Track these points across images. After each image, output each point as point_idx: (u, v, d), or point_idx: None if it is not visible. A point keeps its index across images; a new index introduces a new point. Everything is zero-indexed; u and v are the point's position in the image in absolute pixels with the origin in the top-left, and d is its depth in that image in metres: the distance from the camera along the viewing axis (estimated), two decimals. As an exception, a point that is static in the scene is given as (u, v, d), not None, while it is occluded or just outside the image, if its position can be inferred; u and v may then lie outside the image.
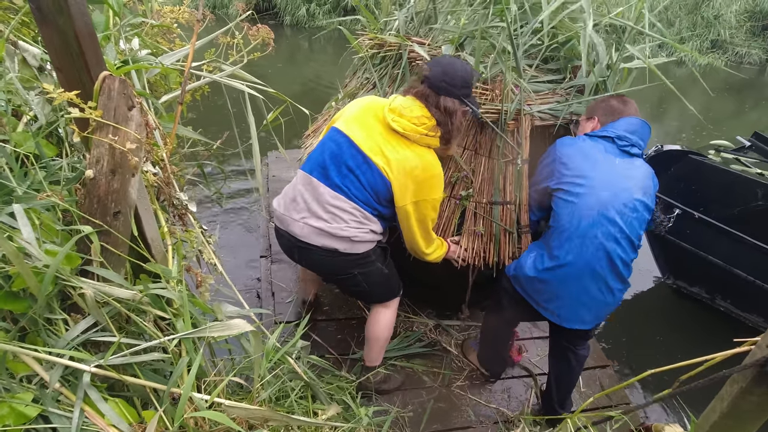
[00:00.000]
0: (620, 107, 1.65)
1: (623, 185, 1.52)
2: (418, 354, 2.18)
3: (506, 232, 1.82)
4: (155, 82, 1.68)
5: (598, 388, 2.18)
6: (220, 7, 10.63)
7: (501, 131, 1.72)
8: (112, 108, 0.93)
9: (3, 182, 0.92)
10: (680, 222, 2.85)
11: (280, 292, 2.43)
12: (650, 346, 2.83)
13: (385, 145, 1.49)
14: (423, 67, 1.51)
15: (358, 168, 1.50)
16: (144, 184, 1.12)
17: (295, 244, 1.59)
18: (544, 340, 2.39)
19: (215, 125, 2.08)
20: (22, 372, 0.90)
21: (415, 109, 1.47)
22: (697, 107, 8.18)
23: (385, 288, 1.75)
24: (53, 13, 0.82)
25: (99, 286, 0.93)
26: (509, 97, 1.69)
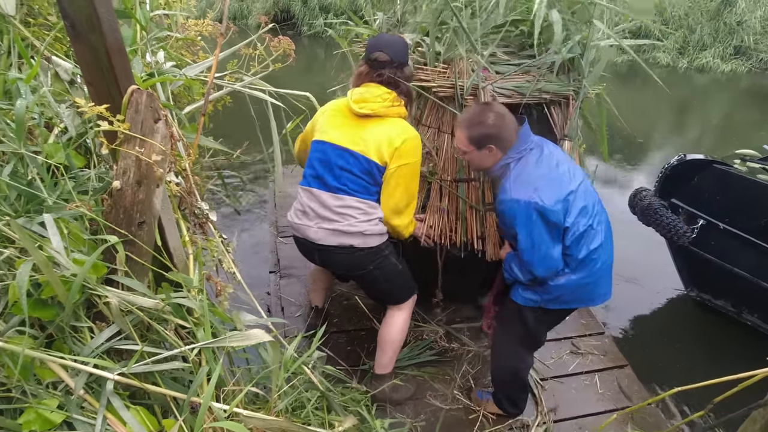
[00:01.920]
0: (506, 127, 1.52)
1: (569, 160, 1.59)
2: (429, 362, 2.16)
3: (472, 209, 1.84)
4: (179, 93, 1.72)
5: (615, 388, 2.15)
6: (240, 18, 10.87)
7: (459, 107, 1.77)
8: (139, 121, 0.95)
9: (34, 192, 0.95)
10: (704, 233, 2.77)
11: (290, 306, 2.45)
12: (673, 360, 2.74)
13: (361, 131, 1.62)
14: (373, 50, 1.63)
15: (347, 164, 1.62)
16: (167, 194, 1.15)
17: (315, 248, 1.70)
18: (557, 342, 2.38)
19: (234, 134, 2.12)
20: (49, 378, 0.92)
21: (373, 90, 1.62)
22: (719, 115, 8.01)
23: (401, 284, 1.82)
24: (86, 30, 0.85)
25: (123, 295, 0.95)
26: (467, 74, 1.74)
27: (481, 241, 1.89)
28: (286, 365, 1.25)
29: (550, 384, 2.13)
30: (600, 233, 1.56)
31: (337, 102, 1.73)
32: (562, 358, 2.27)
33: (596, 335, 2.44)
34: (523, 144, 1.53)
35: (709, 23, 10.49)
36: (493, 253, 1.88)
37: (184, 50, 1.76)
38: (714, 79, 9.70)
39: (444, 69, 1.80)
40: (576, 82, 1.89)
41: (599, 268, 1.57)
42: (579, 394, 2.10)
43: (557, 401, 2.05)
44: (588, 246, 1.53)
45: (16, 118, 0.95)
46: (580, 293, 1.60)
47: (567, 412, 2.01)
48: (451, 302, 2.45)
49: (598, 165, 5.29)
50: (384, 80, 1.62)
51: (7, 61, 1.13)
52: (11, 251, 0.92)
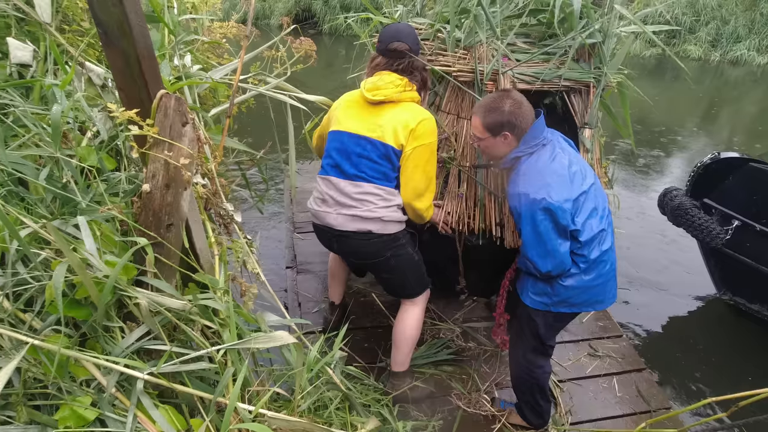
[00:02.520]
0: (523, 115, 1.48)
1: (582, 162, 1.56)
2: (446, 361, 2.15)
3: (491, 195, 1.83)
4: (204, 96, 1.75)
5: (634, 391, 2.10)
6: (262, 18, 11.00)
7: (479, 92, 1.77)
8: (167, 125, 0.97)
9: (69, 195, 0.98)
10: (739, 234, 2.66)
11: (307, 302, 2.46)
12: (702, 366, 2.65)
13: (376, 118, 1.64)
14: (388, 40, 1.65)
15: (364, 150, 1.64)
16: (194, 196, 1.16)
17: (333, 234, 1.73)
18: (575, 344, 2.35)
19: (256, 132, 2.15)
20: (83, 376, 0.95)
21: (385, 77, 1.64)
22: (754, 110, 7.66)
23: (416, 276, 1.83)
24: (118, 37, 0.87)
25: (152, 296, 0.97)
26: (487, 59, 1.75)
27: (499, 227, 1.88)
28: (309, 366, 1.26)
29: (567, 386, 2.11)
30: (610, 235, 1.55)
31: (351, 93, 1.75)
32: (580, 361, 2.24)
33: (614, 338, 2.40)
34: (535, 138, 1.49)
35: (744, 14, 10.05)
36: (512, 240, 1.86)
37: (209, 53, 1.78)
38: (749, 72, 9.29)
39: (464, 55, 1.81)
40: (597, 69, 1.87)
41: (608, 270, 1.56)
42: (597, 397, 2.08)
43: (574, 404, 2.03)
44: (600, 247, 1.52)
45: (52, 123, 0.98)
46: (589, 295, 1.58)
47: (584, 414, 1.99)
48: (466, 300, 2.46)
49: (616, 163, 5.15)
50: (399, 70, 1.65)
51: (44, 66, 1.16)
52: (47, 252, 0.95)
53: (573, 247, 1.51)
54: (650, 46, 10.39)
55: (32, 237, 0.95)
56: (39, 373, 0.93)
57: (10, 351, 0.91)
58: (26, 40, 1.16)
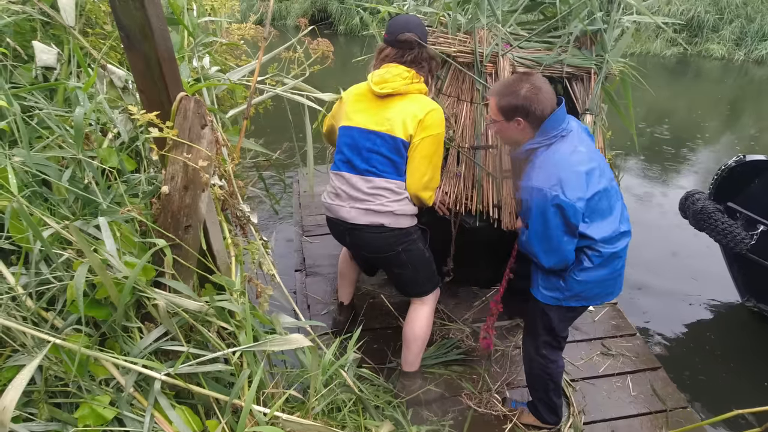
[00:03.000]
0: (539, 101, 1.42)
1: (601, 159, 1.53)
2: (456, 361, 2.15)
3: (489, 176, 1.85)
4: (222, 97, 1.76)
5: (649, 390, 2.07)
6: (279, 19, 11.09)
7: (479, 74, 1.81)
8: (187, 127, 0.97)
9: (91, 197, 1.00)
10: (765, 239, 2.58)
11: (316, 304, 2.47)
12: (725, 375, 2.57)
13: (385, 112, 1.64)
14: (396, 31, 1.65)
15: (374, 145, 1.64)
16: (212, 197, 1.17)
17: (346, 228, 1.74)
18: (588, 343, 2.32)
19: (273, 132, 2.16)
20: (102, 375, 0.96)
21: (392, 69, 1.64)
22: (779, 111, 7.36)
23: (427, 272, 1.83)
24: (139, 40, 0.88)
25: (170, 297, 0.98)
26: (487, 42, 1.79)
27: (497, 209, 1.88)
28: (324, 369, 1.26)
29: (580, 385, 2.09)
30: (625, 233, 1.53)
31: (358, 86, 1.75)
32: (593, 359, 2.22)
33: (627, 336, 2.37)
34: (554, 129, 1.43)
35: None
36: (509, 221, 1.87)
37: (227, 54, 1.80)
38: (774, 73, 9.01)
39: (465, 38, 1.86)
40: (599, 57, 1.89)
41: (621, 266, 1.56)
42: (610, 397, 2.05)
43: (588, 403, 2.01)
44: (615, 244, 1.51)
45: (75, 125, 0.99)
46: (600, 289, 1.57)
47: (598, 414, 1.97)
48: (475, 300, 2.48)
49: (633, 163, 5.04)
50: (408, 61, 1.65)
51: (67, 69, 1.19)
52: (69, 253, 0.97)
53: (586, 243, 1.49)
54: (671, 45, 10.16)
55: (55, 237, 0.97)
56: (60, 371, 0.95)
57: (32, 349, 0.92)
58: (51, 44, 1.18)
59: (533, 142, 1.45)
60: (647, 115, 6.74)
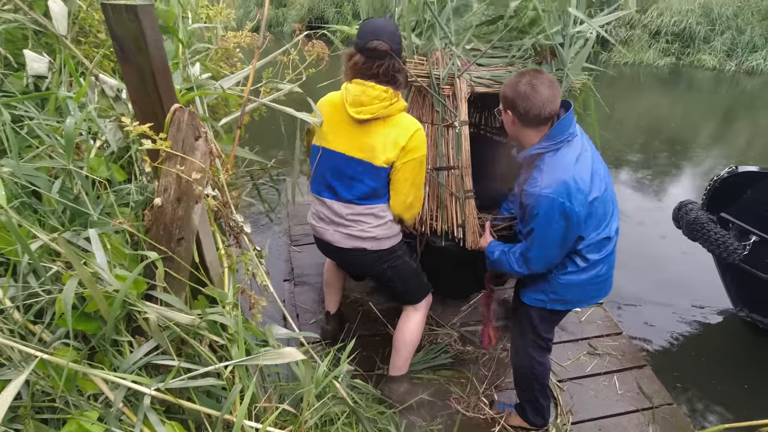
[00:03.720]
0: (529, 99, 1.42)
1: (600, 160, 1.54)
2: (444, 365, 2.16)
3: (452, 196, 1.86)
4: (216, 105, 1.75)
5: (635, 389, 2.11)
6: (276, 25, 11.10)
7: (437, 94, 1.81)
8: (180, 139, 0.96)
9: (81, 209, 0.98)
10: (758, 250, 2.59)
11: (304, 313, 2.47)
12: (717, 383, 2.58)
13: (365, 137, 1.57)
14: (347, 51, 1.58)
15: (356, 173, 1.61)
16: (205, 208, 1.16)
17: (332, 249, 1.77)
18: (575, 343, 2.35)
19: (269, 141, 2.15)
20: (90, 390, 0.94)
21: (369, 91, 1.52)
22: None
23: (417, 283, 1.85)
24: (134, 52, 0.87)
25: (162, 311, 0.96)
26: (443, 64, 1.79)
27: (461, 229, 1.88)
28: (318, 382, 1.25)
29: (568, 385, 2.12)
30: (614, 239, 1.56)
31: (332, 98, 1.64)
32: (580, 359, 2.27)
33: (613, 335, 2.43)
34: (561, 134, 1.42)
35: (761, 23, 9.91)
36: (473, 241, 1.87)
37: (222, 62, 1.79)
38: (765, 82, 9.15)
39: (421, 60, 1.86)
40: (559, 71, 1.92)
41: (605, 271, 1.59)
42: (598, 396, 2.09)
43: (575, 402, 2.04)
44: (601, 251, 1.54)
45: (66, 135, 0.98)
46: (584, 293, 1.61)
47: (586, 413, 2.00)
48: (463, 305, 2.51)
49: (626, 172, 5.08)
50: (380, 74, 1.52)
51: (59, 78, 1.17)
52: (59, 265, 0.95)
53: (577, 246, 1.51)
54: (663, 55, 10.29)
55: (44, 249, 0.95)
56: (47, 386, 0.93)
57: (19, 363, 0.90)
58: (42, 52, 1.17)
59: (539, 146, 1.45)
60: (640, 124, 6.81)
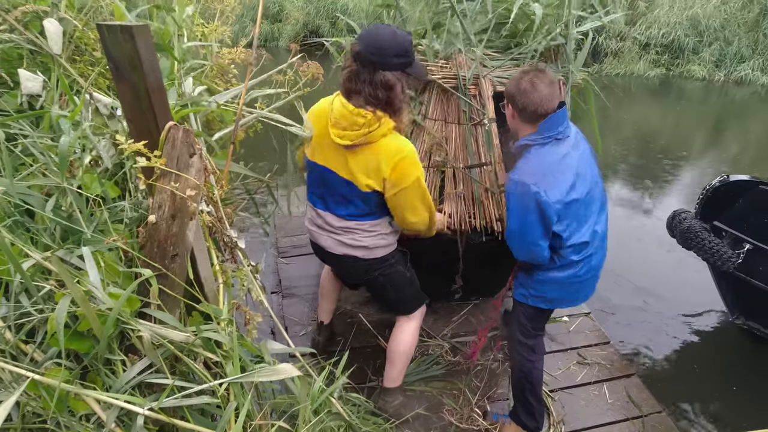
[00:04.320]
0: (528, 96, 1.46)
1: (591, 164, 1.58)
2: (437, 377, 2.15)
3: (487, 191, 1.91)
4: (211, 120, 1.77)
5: (624, 397, 2.14)
6: (271, 40, 11.21)
7: (463, 95, 1.88)
8: (175, 156, 0.97)
9: (74, 227, 0.98)
10: (751, 258, 2.61)
11: (293, 326, 2.44)
12: (714, 392, 2.57)
13: (347, 159, 1.48)
14: (353, 42, 1.43)
15: (344, 191, 1.57)
16: (200, 224, 1.16)
17: (327, 254, 1.75)
18: (564, 353, 2.37)
19: (263, 152, 2.16)
20: (83, 411, 0.93)
21: (345, 115, 1.40)
22: (759, 130, 7.64)
23: (410, 292, 1.82)
24: (129, 71, 0.88)
25: (155, 329, 0.95)
26: (467, 66, 1.88)
27: (499, 222, 1.92)
28: (314, 398, 1.23)
29: (559, 395, 2.13)
30: (597, 240, 1.58)
31: (321, 110, 1.54)
32: (570, 369, 2.28)
33: (601, 345, 2.45)
34: (549, 130, 1.48)
35: (747, 35, 10.12)
36: None
37: (217, 78, 1.81)
38: (754, 92, 9.31)
39: (445, 64, 1.93)
40: (564, 68, 2.04)
41: (587, 271, 1.60)
42: (588, 405, 2.11)
43: (567, 412, 2.05)
44: (581, 253, 1.56)
45: (60, 154, 0.98)
46: (564, 292, 1.63)
47: (577, 423, 2.01)
48: (454, 315, 2.52)
49: (620, 180, 5.13)
50: (366, 92, 1.39)
51: (53, 96, 1.18)
52: (51, 284, 0.95)
53: (555, 245, 1.55)
54: (654, 66, 10.46)
55: (37, 268, 0.95)
56: (38, 407, 0.91)
57: (10, 384, 0.89)
58: (37, 71, 1.18)
59: (528, 138, 1.52)
60: (632, 133, 6.89)
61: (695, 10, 10.14)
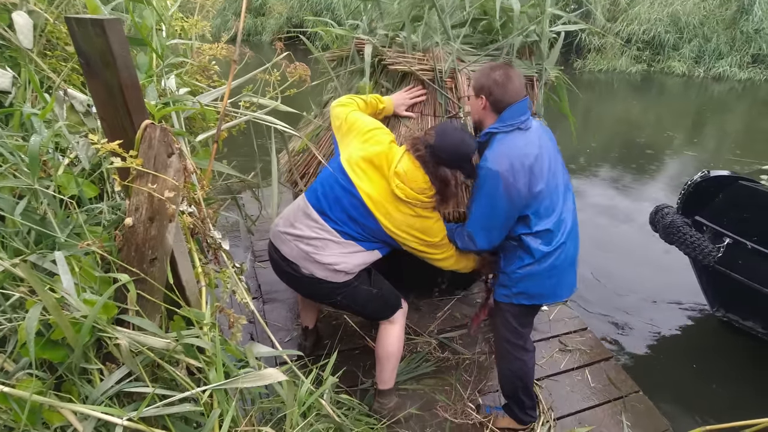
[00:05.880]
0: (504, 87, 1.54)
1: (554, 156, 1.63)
2: (427, 374, 2.16)
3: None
4: (193, 119, 1.71)
5: (605, 380, 2.23)
6: (254, 34, 11.04)
7: (440, 88, 1.90)
8: (152, 156, 0.93)
9: (46, 231, 0.94)
10: (731, 252, 2.67)
11: (277, 331, 2.38)
12: (694, 383, 2.63)
13: (390, 204, 1.57)
14: (430, 133, 1.59)
15: (360, 217, 1.59)
16: (180, 226, 1.12)
17: (283, 268, 1.69)
18: (547, 342, 2.44)
19: (248, 152, 2.11)
20: (57, 422, 0.89)
21: (418, 178, 1.54)
22: (738, 125, 7.85)
23: (380, 305, 1.80)
24: (100, 67, 0.84)
25: (134, 335, 0.92)
26: (443, 59, 1.89)
27: None
28: (301, 401, 1.21)
29: (545, 383, 2.19)
30: (564, 228, 1.61)
31: (385, 150, 1.60)
32: (553, 357, 2.35)
33: (580, 331, 2.54)
34: (512, 118, 1.54)
35: (725, 32, 10.35)
36: None
37: (198, 75, 1.75)
38: (731, 88, 9.53)
39: (422, 57, 1.95)
40: (538, 65, 2.09)
41: (563, 261, 1.62)
42: (574, 390, 2.18)
43: (555, 399, 2.11)
44: (552, 241, 1.59)
45: (30, 154, 0.93)
46: (542, 288, 1.65)
47: (566, 408, 2.07)
48: (438, 311, 2.55)
49: (602, 175, 5.20)
50: (429, 170, 1.55)
51: (24, 93, 1.13)
52: (23, 290, 0.90)
53: (523, 232, 1.59)
54: (635, 63, 10.62)
55: (6, 275, 0.90)
56: (9, 420, 0.87)
57: (-22, 397, 0.85)
58: (6, 66, 1.12)
59: (493, 126, 1.57)
60: (616, 128, 6.98)
61: (675, 7, 10.33)
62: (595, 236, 3.95)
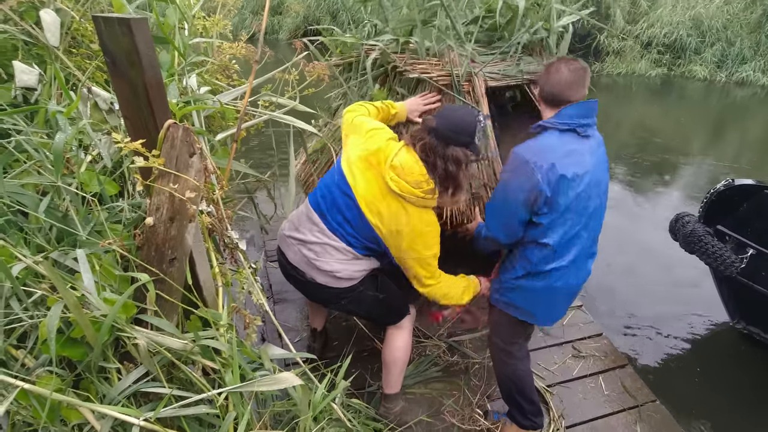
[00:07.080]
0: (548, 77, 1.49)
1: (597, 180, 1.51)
2: (436, 378, 2.13)
3: (485, 186, 1.93)
4: (212, 117, 1.72)
5: (620, 388, 2.16)
6: (271, 33, 11.11)
7: (457, 93, 1.88)
8: (174, 156, 0.93)
9: (69, 229, 0.94)
10: (755, 263, 2.59)
11: (288, 332, 2.38)
12: (711, 396, 2.55)
13: (381, 202, 1.51)
14: (429, 118, 1.54)
15: (353, 219, 1.55)
16: (199, 225, 1.12)
17: (289, 272, 1.69)
18: (560, 347, 2.38)
19: (264, 151, 2.12)
20: (75, 420, 0.89)
21: (414, 171, 1.47)
22: (758, 132, 7.61)
23: (387, 310, 1.78)
24: (126, 66, 0.84)
25: (152, 336, 0.92)
26: (458, 62, 1.88)
27: None
28: (315, 405, 1.20)
29: (557, 390, 2.14)
30: (572, 255, 1.52)
31: (383, 145, 1.53)
32: (566, 363, 2.29)
33: (595, 337, 2.47)
34: (570, 117, 1.45)
35: (750, 36, 10.08)
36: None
37: (219, 74, 1.76)
38: (754, 93, 9.29)
39: (437, 62, 1.92)
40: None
41: (563, 285, 1.56)
42: (586, 397, 2.12)
43: (566, 406, 2.06)
44: (554, 262, 1.53)
45: (54, 152, 0.94)
46: (534, 305, 1.60)
47: (577, 416, 2.01)
48: None
49: (620, 180, 5.10)
50: (438, 169, 1.47)
51: (49, 90, 1.13)
52: (44, 287, 0.91)
53: (530, 243, 1.52)
54: (655, 66, 10.42)
55: (29, 271, 0.91)
56: (29, 416, 0.88)
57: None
58: (33, 63, 1.13)
59: (547, 121, 1.51)
60: (634, 133, 6.86)
61: (698, 10, 10.10)
62: (613, 241, 3.88)
